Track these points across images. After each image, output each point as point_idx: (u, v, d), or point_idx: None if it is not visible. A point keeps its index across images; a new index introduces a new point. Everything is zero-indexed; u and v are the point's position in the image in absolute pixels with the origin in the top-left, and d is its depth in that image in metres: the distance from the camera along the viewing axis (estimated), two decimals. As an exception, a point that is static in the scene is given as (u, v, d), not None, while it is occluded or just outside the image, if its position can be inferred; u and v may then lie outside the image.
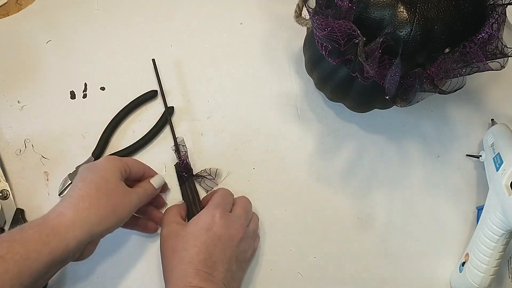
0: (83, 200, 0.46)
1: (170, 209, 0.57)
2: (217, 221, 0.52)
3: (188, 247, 0.50)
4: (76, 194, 0.47)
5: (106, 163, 0.51)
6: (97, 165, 0.50)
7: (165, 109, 0.63)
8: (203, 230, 0.51)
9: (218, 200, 0.56)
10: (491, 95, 0.68)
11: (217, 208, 0.54)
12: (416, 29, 0.47)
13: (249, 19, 0.70)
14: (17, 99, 0.64)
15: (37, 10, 0.68)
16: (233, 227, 0.53)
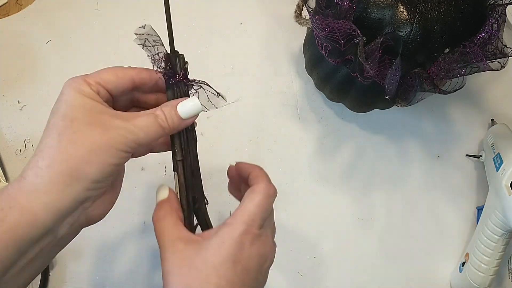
0: (42, 155, 0.34)
1: (163, 210, 0.40)
2: (247, 250, 0.38)
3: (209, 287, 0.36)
4: (37, 151, 0.35)
5: (63, 94, 0.36)
6: (57, 100, 0.36)
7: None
8: (229, 263, 0.36)
9: (255, 211, 0.39)
10: (491, 95, 0.68)
11: (250, 227, 0.38)
12: (416, 29, 0.47)
13: (249, 19, 0.70)
14: (17, 99, 0.64)
15: (37, 10, 0.68)
16: (264, 253, 0.41)
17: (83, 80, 0.37)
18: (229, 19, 0.70)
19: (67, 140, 0.34)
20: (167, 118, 0.37)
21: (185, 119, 0.38)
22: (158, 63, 0.40)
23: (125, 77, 0.39)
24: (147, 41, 0.41)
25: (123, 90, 0.39)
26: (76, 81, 0.37)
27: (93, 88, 0.37)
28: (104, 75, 0.38)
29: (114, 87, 0.38)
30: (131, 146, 0.36)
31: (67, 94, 0.36)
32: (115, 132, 0.35)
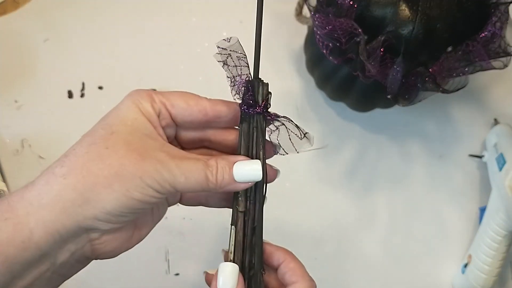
0: (63, 161, 0.29)
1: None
2: None
3: None
4: (63, 154, 0.31)
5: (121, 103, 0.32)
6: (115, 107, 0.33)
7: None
8: None
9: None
10: (494, 94, 0.67)
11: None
12: (418, 28, 0.47)
13: (249, 17, 0.69)
14: (14, 99, 0.63)
15: (34, 9, 0.68)
16: None
17: (147, 94, 0.32)
18: (229, 18, 0.69)
19: (95, 153, 0.29)
20: (217, 172, 0.32)
21: (238, 182, 0.32)
22: (238, 87, 0.34)
23: (196, 106, 0.33)
24: (229, 58, 0.35)
25: (191, 121, 0.34)
26: (140, 93, 0.33)
27: (155, 106, 0.32)
28: (172, 98, 0.33)
29: (181, 114, 0.33)
30: (164, 186, 0.30)
31: (124, 103, 0.32)
32: (152, 164, 0.29)
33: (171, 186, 0.30)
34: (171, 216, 0.60)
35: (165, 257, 0.58)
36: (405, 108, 0.56)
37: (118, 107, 0.32)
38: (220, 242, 0.59)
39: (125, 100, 0.32)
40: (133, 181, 0.29)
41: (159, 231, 0.59)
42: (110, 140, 0.30)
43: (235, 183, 0.32)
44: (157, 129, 0.32)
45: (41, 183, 0.29)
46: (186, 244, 0.59)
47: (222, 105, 0.34)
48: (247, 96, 0.34)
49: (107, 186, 0.29)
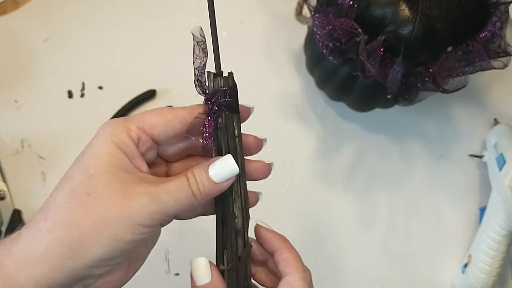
0: (47, 214, 0.29)
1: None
2: None
3: None
4: (44, 204, 0.30)
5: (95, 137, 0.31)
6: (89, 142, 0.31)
7: None
8: None
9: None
10: (494, 94, 0.67)
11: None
12: (418, 28, 0.47)
13: (249, 17, 0.69)
14: (14, 99, 0.63)
15: (34, 9, 0.68)
16: None
17: (121, 124, 0.31)
18: (229, 18, 0.69)
19: (77, 202, 0.28)
20: (197, 182, 0.31)
21: (219, 183, 0.32)
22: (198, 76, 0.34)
23: (176, 119, 0.32)
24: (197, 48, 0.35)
25: (174, 135, 0.33)
26: (113, 124, 0.31)
27: (133, 134, 0.31)
28: (149, 118, 0.31)
29: (163, 132, 0.32)
30: (154, 218, 0.29)
31: (98, 138, 0.30)
32: (138, 200, 0.29)
33: (163, 214, 0.30)
34: (171, 216, 0.60)
35: (165, 257, 0.58)
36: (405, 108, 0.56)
37: (92, 144, 0.30)
38: (220, 242, 0.59)
39: (99, 135, 0.31)
40: (122, 223, 0.28)
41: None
42: (90, 185, 0.29)
43: (218, 185, 0.32)
44: (134, 160, 0.31)
45: (28, 238, 0.28)
46: (186, 244, 0.59)
47: (199, 109, 0.33)
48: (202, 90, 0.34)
49: (95, 234, 0.28)
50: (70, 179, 0.29)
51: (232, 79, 0.34)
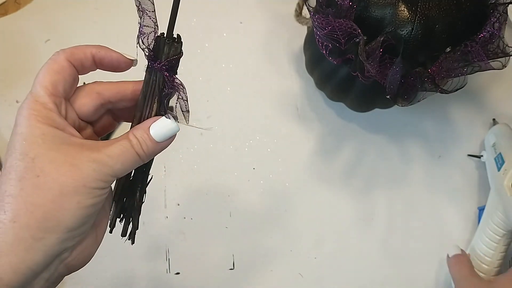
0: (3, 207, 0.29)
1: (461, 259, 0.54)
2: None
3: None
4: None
5: (17, 125, 0.31)
6: (12, 133, 0.31)
7: None
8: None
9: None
10: (492, 95, 0.68)
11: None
12: (417, 28, 0.47)
13: (249, 18, 0.69)
14: (16, 99, 0.63)
15: (35, 9, 0.68)
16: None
17: (33, 101, 0.31)
18: (229, 18, 0.69)
19: (30, 186, 0.29)
20: (141, 143, 0.33)
21: (160, 142, 0.34)
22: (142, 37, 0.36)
23: (76, 61, 0.33)
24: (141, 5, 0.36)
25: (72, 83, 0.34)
26: (28, 104, 0.31)
27: (49, 105, 0.31)
28: (47, 78, 0.32)
29: (68, 86, 0.33)
30: (107, 180, 0.31)
31: (21, 124, 0.30)
32: (87, 168, 0.30)
33: (112, 176, 0.31)
34: (171, 216, 0.60)
35: (165, 256, 0.59)
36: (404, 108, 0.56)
37: (18, 132, 0.30)
38: (220, 241, 0.60)
39: (20, 120, 0.30)
40: (79, 191, 0.30)
41: (160, 230, 0.60)
42: (36, 167, 0.29)
43: (160, 144, 0.34)
44: (66, 129, 0.32)
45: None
46: (186, 243, 0.59)
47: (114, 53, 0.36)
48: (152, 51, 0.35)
49: (59, 209, 0.29)
50: (12, 169, 0.29)
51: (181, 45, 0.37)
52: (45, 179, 0.29)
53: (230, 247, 0.60)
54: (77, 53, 0.33)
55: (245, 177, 0.62)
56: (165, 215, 0.60)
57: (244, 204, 0.61)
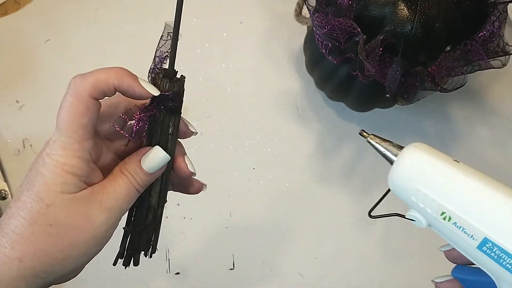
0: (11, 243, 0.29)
1: None
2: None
3: None
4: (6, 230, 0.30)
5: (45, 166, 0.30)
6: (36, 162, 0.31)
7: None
8: None
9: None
10: (492, 94, 0.67)
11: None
12: (417, 27, 0.47)
13: (249, 18, 0.69)
14: (16, 99, 0.63)
15: (36, 9, 0.68)
16: None
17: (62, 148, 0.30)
18: (229, 18, 0.69)
19: (41, 233, 0.30)
20: (134, 178, 0.33)
21: (154, 172, 0.34)
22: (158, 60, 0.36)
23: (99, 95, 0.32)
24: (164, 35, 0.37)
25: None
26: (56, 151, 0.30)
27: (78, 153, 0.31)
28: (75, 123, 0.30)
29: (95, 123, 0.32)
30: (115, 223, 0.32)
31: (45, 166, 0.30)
32: (99, 219, 0.31)
33: (120, 217, 0.33)
34: (171, 216, 0.60)
35: (165, 256, 0.59)
36: (404, 107, 0.56)
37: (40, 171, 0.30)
38: (220, 241, 0.60)
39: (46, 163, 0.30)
40: (89, 242, 0.31)
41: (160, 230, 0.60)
42: (50, 215, 0.30)
43: (153, 174, 0.34)
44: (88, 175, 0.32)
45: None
46: (186, 243, 0.59)
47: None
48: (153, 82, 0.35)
49: (66, 257, 0.30)
50: (25, 208, 0.30)
51: (180, 84, 0.36)
52: (57, 230, 0.30)
53: (230, 247, 0.60)
54: (100, 86, 0.31)
55: (245, 177, 0.62)
56: (165, 215, 0.60)
57: (244, 204, 0.61)
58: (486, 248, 0.27)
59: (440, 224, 0.30)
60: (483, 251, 0.27)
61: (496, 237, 0.27)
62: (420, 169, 0.31)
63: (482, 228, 0.27)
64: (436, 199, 0.30)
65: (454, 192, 0.29)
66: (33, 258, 0.30)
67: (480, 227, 0.27)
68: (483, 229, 0.27)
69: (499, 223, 0.27)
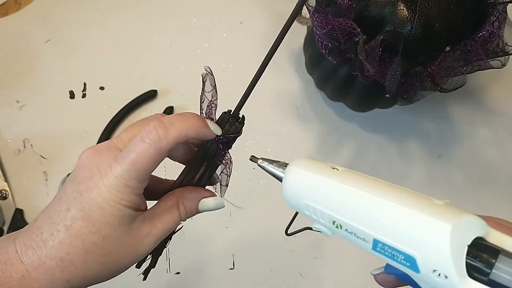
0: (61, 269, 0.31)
1: None
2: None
3: None
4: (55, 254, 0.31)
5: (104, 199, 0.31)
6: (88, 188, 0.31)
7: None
8: None
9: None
10: (492, 94, 0.68)
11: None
12: (417, 27, 0.47)
13: (249, 18, 0.69)
14: (16, 99, 0.63)
15: (36, 10, 0.68)
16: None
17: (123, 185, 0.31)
18: (229, 18, 0.69)
19: (95, 262, 0.31)
20: (187, 212, 0.35)
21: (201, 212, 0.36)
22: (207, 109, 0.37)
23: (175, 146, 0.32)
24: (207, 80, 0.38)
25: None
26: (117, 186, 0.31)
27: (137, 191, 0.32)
28: (146, 168, 0.31)
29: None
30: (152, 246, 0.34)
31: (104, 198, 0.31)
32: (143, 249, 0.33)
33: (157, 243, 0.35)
34: (171, 215, 0.60)
35: (165, 256, 0.59)
36: (404, 107, 0.56)
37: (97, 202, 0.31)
38: (220, 241, 0.60)
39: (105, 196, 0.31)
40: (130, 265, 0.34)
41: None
42: (104, 247, 0.31)
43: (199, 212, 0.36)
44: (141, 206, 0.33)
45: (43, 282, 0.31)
46: (186, 243, 0.59)
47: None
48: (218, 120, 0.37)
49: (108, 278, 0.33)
50: (80, 236, 0.31)
51: (241, 126, 0.38)
52: (109, 260, 0.32)
53: (230, 247, 0.60)
54: (179, 141, 0.32)
55: (245, 177, 0.62)
56: (165, 215, 0.60)
57: (244, 204, 0.61)
58: (380, 248, 0.28)
59: (338, 232, 0.30)
60: (378, 251, 0.28)
61: (383, 237, 0.27)
62: (302, 185, 0.32)
63: (368, 230, 0.28)
64: (323, 210, 0.30)
65: (335, 201, 0.30)
66: (80, 281, 0.32)
67: (366, 230, 0.28)
68: (369, 231, 0.28)
69: (381, 223, 0.27)
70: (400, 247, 0.27)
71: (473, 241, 0.24)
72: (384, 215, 0.27)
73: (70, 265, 0.31)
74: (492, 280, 0.23)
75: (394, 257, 0.27)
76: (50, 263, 0.31)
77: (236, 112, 0.38)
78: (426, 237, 0.25)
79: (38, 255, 0.31)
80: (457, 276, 0.24)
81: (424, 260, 0.26)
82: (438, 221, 0.25)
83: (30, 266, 0.31)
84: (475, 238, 0.24)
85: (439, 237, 0.24)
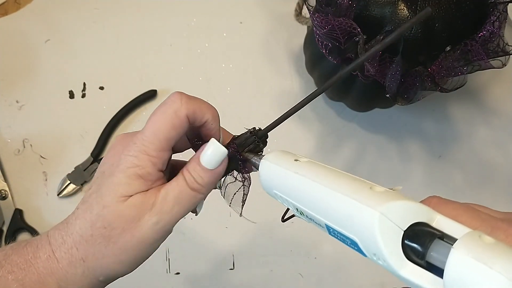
0: (76, 245, 0.31)
1: None
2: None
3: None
4: (72, 230, 0.32)
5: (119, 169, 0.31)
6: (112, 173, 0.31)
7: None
8: None
9: None
10: (492, 94, 0.68)
11: None
12: (417, 27, 0.47)
13: (249, 18, 0.69)
14: (16, 99, 0.63)
15: (36, 9, 0.68)
16: None
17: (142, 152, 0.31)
18: (229, 18, 0.69)
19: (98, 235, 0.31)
20: (194, 178, 0.32)
21: (213, 169, 0.33)
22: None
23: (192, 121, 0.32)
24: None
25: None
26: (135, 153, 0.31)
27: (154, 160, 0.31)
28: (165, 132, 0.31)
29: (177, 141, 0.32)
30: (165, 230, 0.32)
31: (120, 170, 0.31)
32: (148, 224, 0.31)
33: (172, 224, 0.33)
34: (171, 216, 0.60)
35: (165, 256, 0.59)
36: (404, 107, 0.56)
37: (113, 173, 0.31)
38: (220, 241, 0.60)
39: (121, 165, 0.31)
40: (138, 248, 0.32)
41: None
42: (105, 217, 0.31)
43: (214, 171, 0.33)
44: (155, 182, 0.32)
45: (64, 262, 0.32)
46: (186, 243, 0.59)
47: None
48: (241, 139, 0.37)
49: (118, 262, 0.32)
50: (89, 209, 0.31)
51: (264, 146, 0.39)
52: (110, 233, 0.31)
53: (230, 247, 0.60)
54: (198, 115, 0.32)
55: (245, 177, 0.62)
56: (165, 215, 0.60)
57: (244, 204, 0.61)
58: (333, 233, 0.30)
59: (304, 218, 0.33)
60: (333, 235, 0.30)
61: (330, 223, 0.29)
62: (270, 176, 0.35)
63: (319, 217, 0.30)
64: (287, 198, 0.33)
65: (293, 190, 0.32)
66: (92, 259, 0.31)
67: (318, 216, 0.30)
68: (320, 217, 0.29)
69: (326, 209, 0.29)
70: (344, 232, 0.29)
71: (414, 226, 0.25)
72: (327, 202, 0.29)
73: (81, 240, 0.31)
74: (428, 262, 0.24)
75: (344, 241, 0.30)
76: (68, 241, 0.31)
77: (263, 135, 0.38)
78: (359, 223, 0.27)
79: (61, 235, 0.32)
80: (393, 259, 0.25)
81: (363, 244, 0.28)
82: (366, 208, 0.26)
83: (55, 246, 0.32)
84: (416, 223, 0.25)
85: (368, 222, 0.26)
